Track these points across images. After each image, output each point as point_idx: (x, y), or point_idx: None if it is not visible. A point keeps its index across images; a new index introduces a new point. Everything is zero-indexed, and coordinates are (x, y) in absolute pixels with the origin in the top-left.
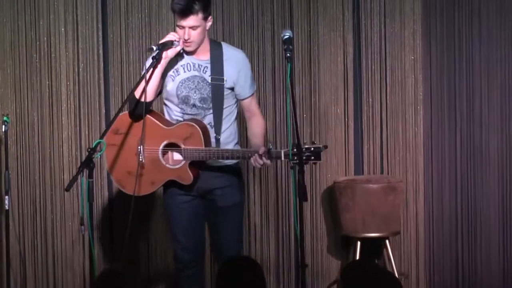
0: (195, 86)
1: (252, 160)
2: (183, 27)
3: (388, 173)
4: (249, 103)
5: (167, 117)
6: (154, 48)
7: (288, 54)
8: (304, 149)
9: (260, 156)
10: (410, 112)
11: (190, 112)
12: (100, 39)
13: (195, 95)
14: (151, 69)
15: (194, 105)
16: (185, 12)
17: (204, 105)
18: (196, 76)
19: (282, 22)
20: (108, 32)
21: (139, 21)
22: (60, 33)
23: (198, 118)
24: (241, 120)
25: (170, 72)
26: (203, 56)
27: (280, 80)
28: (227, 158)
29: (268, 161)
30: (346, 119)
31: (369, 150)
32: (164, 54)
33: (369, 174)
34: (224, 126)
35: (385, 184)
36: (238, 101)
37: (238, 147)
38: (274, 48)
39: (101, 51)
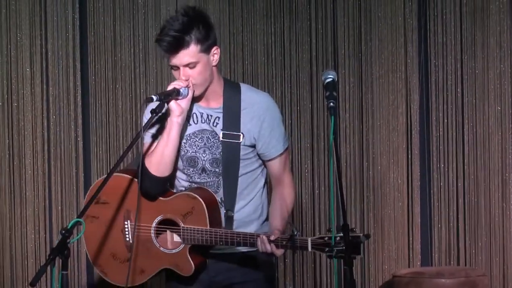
0: (204, 144)
1: (258, 243)
2: (176, 67)
3: (466, 265)
4: (277, 167)
5: (174, 188)
6: (154, 98)
7: (331, 104)
8: (337, 239)
9: (269, 241)
10: (496, 182)
11: (199, 180)
12: (78, 82)
13: (204, 155)
14: (146, 126)
15: (203, 170)
16: (173, 47)
17: (217, 169)
18: (205, 130)
19: (323, 61)
20: (88, 74)
21: (132, 58)
22: (25, 74)
23: (208, 188)
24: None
25: None
26: (215, 103)
27: (320, 137)
28: (238, 244)
29: (278, 252)
30: (410, 191)
31: (441, 234)
32: (178, 108)
33: (440, 266)
34: (244, 198)
35: (463, 278)
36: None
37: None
38: (313, 95)
39: (79, 99)
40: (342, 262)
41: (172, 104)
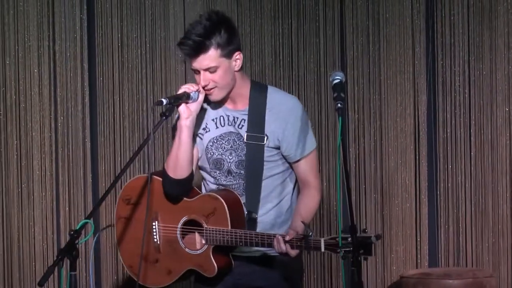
0: (231, 146)
1: (274, 242)
2: (198, 71)
3: (473, 265)
4: (302, 169)
5: (203, 190)
6: (164, 101)
7: (339, 105)
8: (348, 240)
9: (284, 241)
10: (504, 182)
11: (225, 182)
12: (86, 83)
13: (230, 157)
14: (155, 129)
15: (229, 172)
16: (193, 51)
17: (243, 171)
18: (231, 132)
19: (331, 62)
20: (96, 75)
21: (138, 59)
22: (32, 75)
23: (234, 190)
24: None
25: (199, 130)
26: (241, 105)
27: (328, 138)
28: (257, 244)
29: (293, 252)
30: (418, 192)
31: (448, 234)
32: (186, 111)
33: (447, 267)
34: (271, 201)
35: (470, 279)
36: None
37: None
38: (321, 96)
39: (86, 100)
40: (350, 263)
41: (181, 107)
